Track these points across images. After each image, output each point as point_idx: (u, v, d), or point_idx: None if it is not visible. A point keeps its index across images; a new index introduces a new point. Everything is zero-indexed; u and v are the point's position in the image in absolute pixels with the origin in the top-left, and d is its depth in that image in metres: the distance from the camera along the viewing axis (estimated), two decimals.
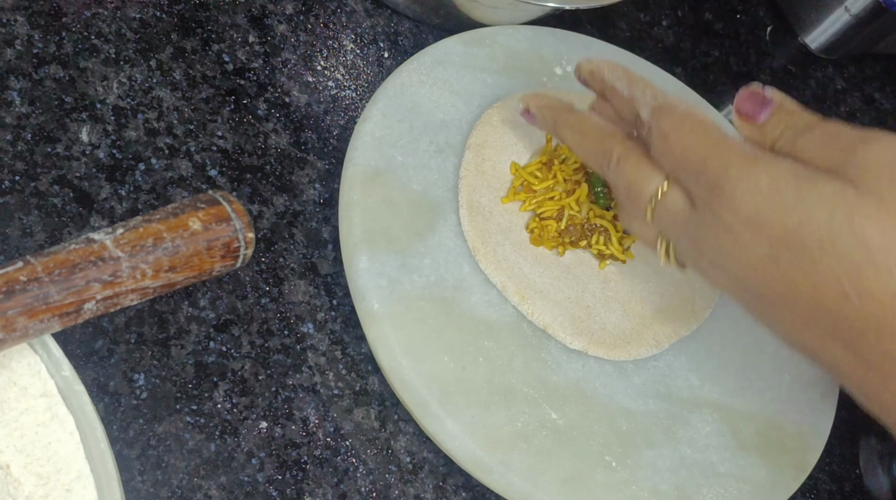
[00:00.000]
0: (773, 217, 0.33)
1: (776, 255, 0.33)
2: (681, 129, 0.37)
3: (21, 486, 0.33)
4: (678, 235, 0.38)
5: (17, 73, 0.44)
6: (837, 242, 0.31)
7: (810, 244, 0.32)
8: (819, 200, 0.32)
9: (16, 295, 0.32)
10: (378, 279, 0.44)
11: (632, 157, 0.40)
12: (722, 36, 0.71)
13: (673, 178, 0.38)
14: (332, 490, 0.42)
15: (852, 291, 0.31)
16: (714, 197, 0.35)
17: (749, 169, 0.34)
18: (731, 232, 0.34)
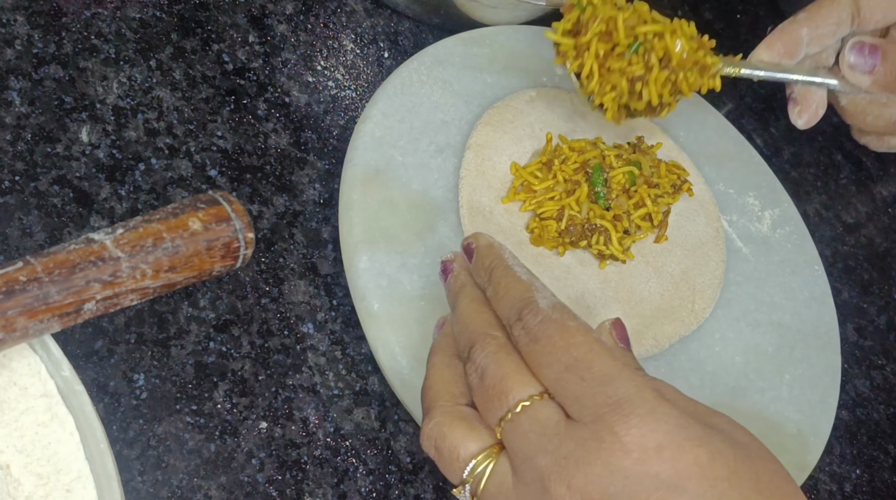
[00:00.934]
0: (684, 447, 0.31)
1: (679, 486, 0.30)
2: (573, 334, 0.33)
3: (21, 486, 0.33)
4: (536, 452, 0.32)
5: (17, 73, 0.44)
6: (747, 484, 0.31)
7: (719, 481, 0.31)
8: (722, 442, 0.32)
9: (16, 295, 0.32)
10: (378, 279, 0.44)
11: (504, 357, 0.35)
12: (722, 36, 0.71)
13: (553, 389, 0.33)
14: (332, 491, 0.42)
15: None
16: (622, 415, 0.31)
17: (655, 394, 0.32)
18: (634, 457, 0.30)
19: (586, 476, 0.31)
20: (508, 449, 0.33)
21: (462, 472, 0.34)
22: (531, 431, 0.32)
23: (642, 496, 0.30)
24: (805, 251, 0.58)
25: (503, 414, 0.33)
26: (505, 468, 0.33)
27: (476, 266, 0.39)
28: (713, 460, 0.31)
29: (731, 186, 0.58)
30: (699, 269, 0.52)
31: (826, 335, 0.55)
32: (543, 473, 0.31)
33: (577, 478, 0.31)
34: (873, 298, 0.64)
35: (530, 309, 0.35)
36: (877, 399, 0.60)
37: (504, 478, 0.33)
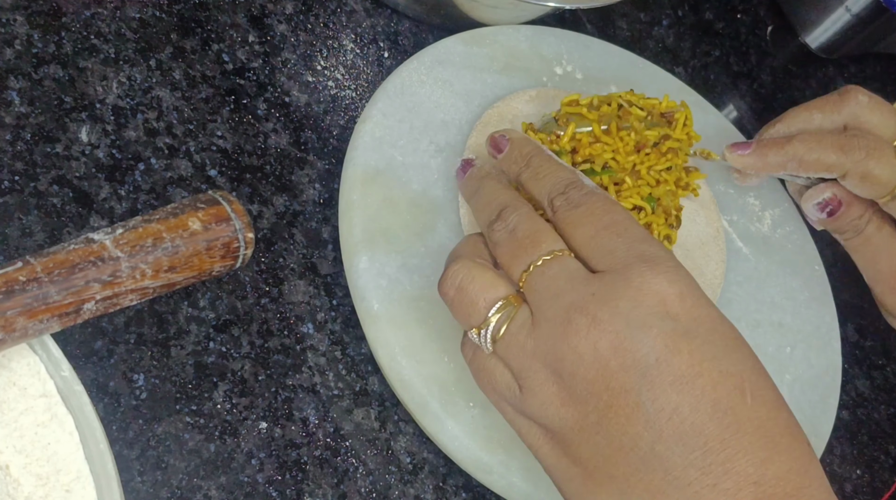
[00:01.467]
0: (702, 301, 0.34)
1: (693, 331, 0.33)
2: (617, 206, 0.37)
3: (20, 486, 0.33)
4: (558, 291, 0.35)
5: (17, 73, 0.44)
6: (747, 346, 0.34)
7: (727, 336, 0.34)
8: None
9: (15, 295, 0.32)
10: (378, 279, 0.44)
11: (536, 217, 0.38)
12: (722, 36, 0.71)
13: (585, 247, 0.36)
14: (332, 491, 0.42)
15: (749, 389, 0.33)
16: (653, 264, 0.34)
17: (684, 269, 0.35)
18: (659, 298, 0.33)
19: (612, 310, 0.33)
20: (532, 293, 0.36)
21: (486, 312, 0.36)
22: (560, 274, 0.35)
23: (659, 333, 0.32)
24: (805, 251, 0.58)
25: (533, 260, 0.36)
26: (526, 313, 0.35)
27: (511, 154, 0.41)
28: (723, 320, 0.34)
29: (731, 186, 0.58)
30: (699, 269, 0.52)
31: (826, 335, 0.55)
32: (569, 307, 0.34)
33: (603, 311, 0.33)
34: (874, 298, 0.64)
35: (576, 185, 0.38)
36: (877, 399, 0.60)
37: (525, 321, 0.35)
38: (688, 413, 0.32)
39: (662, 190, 0.50)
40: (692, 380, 0.32)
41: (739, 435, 0.31)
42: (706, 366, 0.32)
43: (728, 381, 0.32)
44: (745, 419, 0.32)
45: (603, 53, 0.58)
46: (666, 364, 0.32)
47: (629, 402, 0.32)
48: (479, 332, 0.36)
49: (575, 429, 0.34)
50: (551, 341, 0.34)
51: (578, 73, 0.56)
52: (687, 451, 0.31)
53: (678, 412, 0.32)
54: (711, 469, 0.31)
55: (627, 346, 0.32)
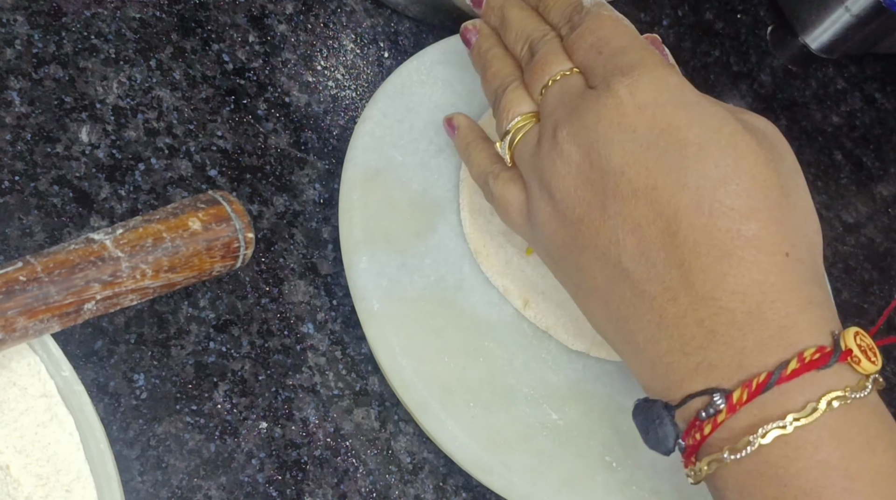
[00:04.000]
0: (667, 109, 0.34)
1: (653, 143, 0.33)
2: (604, 20, 0.38)
3: (21, 486, 0.33)
4: (555, 108, 0.37)
5: (17, 73, 0.44)
6: (714, 153, 0.32)
7: (689, 145, 0.33)
8: (714, 113, 0.34)
9: (15, 295, 0.32)
10: (378, 279, 0.44)
11: (552, 43, 0.40)
12: (722, 36, 0.71)
13: (582, 66, 0.38)
14: (332, 491, 0.42)
15: (707, 202, 0.32)
16: (621, 75, 0.35)
17: (664, 66, 0.35)
18: (620, 110, 0.34)
19: (580, 121, 0.35)
20: (542, 112, 0.38)
21: (508, 123, 0.40)
22: (558, 93, 0.37)
23: (618, 145, 0.34)
24: None
25: (545, 82, 0.38)
26: (536, 131, 0.38)
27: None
28: (693, 123, 0.33)
29: None
30: None
31: None
32: (556, 123, 0.36)
33: (575, 125, 0.35)
34: (873, 298, 0.64)
35: (576, 10, 0.40)
36: None
37: (534, 136, 0.38)
38: (646, 227, 0.32)
39: None
40: (649, 193, 0.32)
41: (697, 249, 0.31)
42: (662, 179, 0.32)
43: (684, 194, 0.32)
44: (702, 232, 0.32)
45: None
46: (624, 177, 0.33)
47: (597, 215, 0.34)
48: (501, 143, 0.40)
49: (559, 244, 0.36)
50: (541, 156, 0.36)
51: None
52: (648, 265, 0.32)
53: (639, 226, 0.32)
54: (672, 284, 0.32)
55: (592, 159, 0.34)
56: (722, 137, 0.33)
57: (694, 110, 0.34)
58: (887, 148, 0.73)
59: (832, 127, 0.71)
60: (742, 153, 0.33)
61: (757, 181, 0.32)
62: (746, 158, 0.33)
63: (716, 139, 0.33)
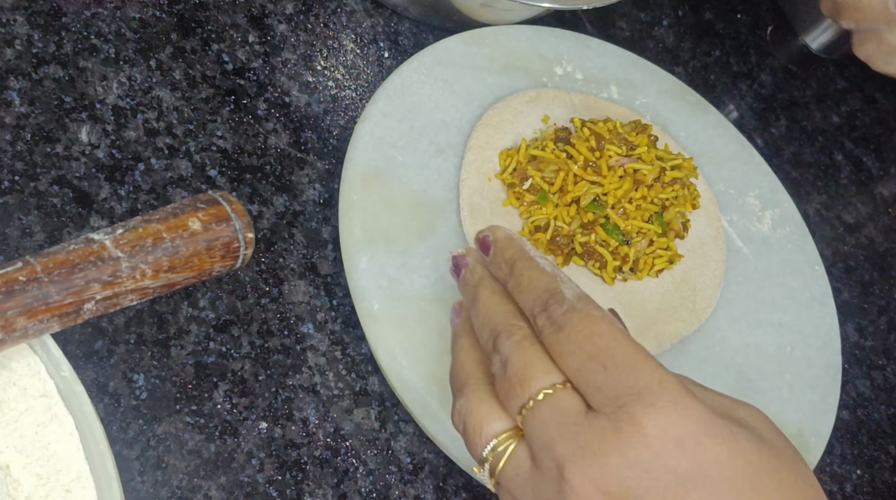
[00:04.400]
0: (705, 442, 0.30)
1: (698, 483, 0.30)
2: (599, 324, 0.33)
3: (21, 486, 0.33)
4: (552, 441, 0.32)
5: (17, 74, 0.44)
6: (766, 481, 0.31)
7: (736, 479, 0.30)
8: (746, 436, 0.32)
9: (15, 295, 0.32)
10: (378, 279, 0.44)
11: (524, 346, 0.35)
12: (722, 36, 0.71)
13: (576, 379, 0.33)
14: (332, 491, 0.42)
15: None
16: (643, 404, 0.31)
17: (683, 386, 0.32)
18: (653, 449, 0.30)
19: (603, 467, 0.30)
20: (528, 437, 0.33)
21: (482, 450, 0.34)
22: (551, 419, 0.32)
23: (658, 490, 0.30)
24: (805, 251, 0.58)
25: (525, 402, 0.33)
26: (524, 453, 0.33)
27: (495, 259, 0.39)
28: (734, 456, 0.30)
29: (731, 186, 0.58)
30: (700, 269, 0.52)
31: (826, 336, 0.55)
32: (560, 461, 0.31)
33: (594, 469, 0.30)
34: (874, 298, 0.64)
35: (555, 299, 0.34)
36: (877, 400, 0.60)
37: (522, 462, 0.33)
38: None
39: (672, 213, 0.50)
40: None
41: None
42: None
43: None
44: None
45: (603, 53, 0.58)
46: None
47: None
48: (478, 471, 0.35)
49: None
50: (549, 495, 0.32)
51: (578, 74, 0.56)
52: None
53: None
54: None
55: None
56: (763, 460, 0.31)
57: (727, 439, 0.31)
58: (887, 148, 0.73)
59: (832, 127, 0.71)
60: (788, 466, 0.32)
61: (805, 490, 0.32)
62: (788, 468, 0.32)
63: (764, 463, 0.31)
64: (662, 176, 0.50)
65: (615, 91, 0.57)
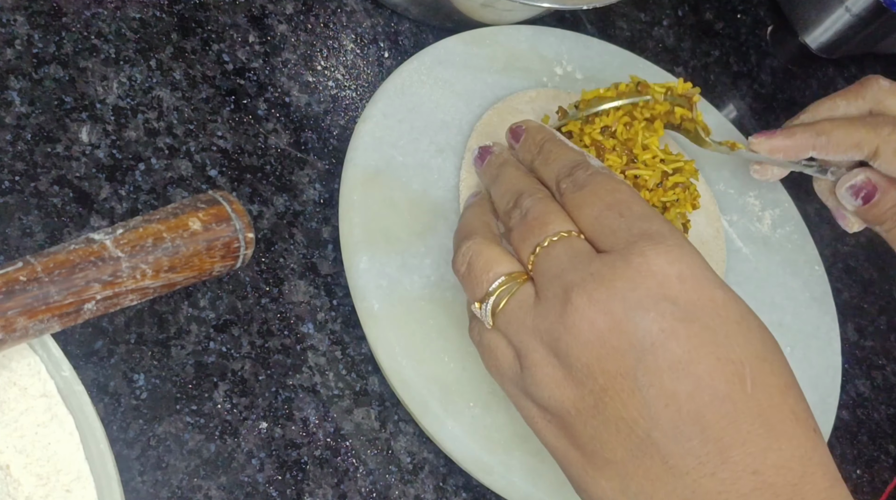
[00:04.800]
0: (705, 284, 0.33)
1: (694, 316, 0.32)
2: (620, 184, 0.36)
3: (21, 486, 0.33)
4: (562, 270, 0.34)
5: (17, 73, 0.44)
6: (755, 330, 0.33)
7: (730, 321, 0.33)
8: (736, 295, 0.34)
9: (16, 295, 0.32)
10: (378, 280, 0.44)
11: (546, 201, 0.37)
12: (722, 36, 0.71)
13: (592, 227, 0.36)
14: (332, 491, 0.42)
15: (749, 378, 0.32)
16: (653, 243, 0.33)
17: (688, 240, 0.34)
18: (658, 279, 0.32)
19: (609, 290, 0.32)
20: (537, 273, 0.35)
21: (489, 285, 0.36)
22: (564, 253, 0.35)
23: (657, 316, 0.32)
24: (805, 251, 0.58)
25: (540, 241, 0.36)
26: (529, 291, 0.35)
27: (526, 143, 0.42)
28: (728, 301, 0.33)
29: (731, 186, 0.58)
30: None
31: (826, 336, 0.55)
32: (568, 286, 0.33)
33: (600, 291, 0.33)
34: (874, 298, 0.64)
35: (582, 166, 0.37)
36: (877, 400, 0.60)
37: (527, 298, 0.35)
38: (684, 401, 0.31)
39: (673, 214, 0.50)
40: (688, 366, 0.31)
41: (738, 424, 0.31)
42: (703, 351, 0.31)
43: (726, 368, 0.31)
44: (743, 406, 0.31)
45: (603, 53, 0.58)
46: (662, 349, 0.31)
47: (625, 386, 0.32)
48: (480, 305, 0.36)
49: (572, 411, 0.33)
50: (549, 319, 0.34)
51: (578, 74, 0.56)
52: (684, 439, 0.31)
53: (675, 399, 0.31)
54: (709, 458, 0.31)
55: (623, 328, 0.32)
56: (753, 318, 0.34)
57: (727, 289, 0.33)
58: None
59: None
60: (767, 337, 0.34)
61: (783, 364, 0.34)
62: (771, 341, 0.34)
63: (752, 318, 0.33)
64: (665, 181, 0.50)
65: None
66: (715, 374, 0.31)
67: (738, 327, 0.33)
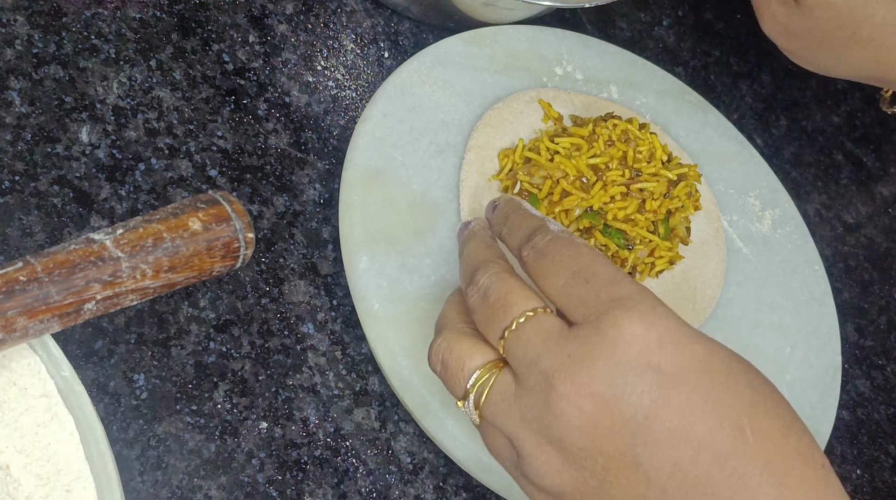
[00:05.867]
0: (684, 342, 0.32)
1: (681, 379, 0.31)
2: (582, 248, 0.35)
3: (21, 486, 0.33)
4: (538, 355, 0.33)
5: (17, 73, 0.44)
6: (742, 379, 0.33)
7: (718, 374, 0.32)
8: (714, 343, 0.33)
9: (16, 295, 0.32)
10: (378, 280, 0.44)
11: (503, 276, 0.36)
12: (722, 36, 0.71)
13: (559, 299, 0.34)
14: (332, 491, 0.42)
15: (749, 427, 0.32)
16: (625, 310, 0.32)
17: (657, 298, 0.33)
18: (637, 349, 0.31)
19: (590, 371, 0.31)
20: (511, 359, 0.34)
21: (466, 383, 0.35)
22: (535, 337, 0.33)
23: (643, 387, 0.31)
24: (805, 251, 0.58)
25: (507, 325, 0.34)
26: (508, 379, 0.34)
27: (496, 217, 0.41)
28: (711, 356, 0.32)
29: (731, 186, 0.58)
30: (699, 269, 0.52)
31: (826, 335, 0.55)
32: (548, 373, 0.32)
33: (582, 374, 0.31)
34: (874, 298, 0.64)
35: (541, 231, 0.36)
36: (877, 399, 0.60)
37: (507, 387, 0.34)
38: (689, 467, 0.31)
39: (678, 219, 0.50)
40: (687, 431, 0.31)
41: (745, 479, 0.30)
42: (699, 413, 0.31)
43: (725, 424, 0.31)
44: (748, 460, 0.31)
45: (603, 53, 0.58)
46: (656, 419, 0.31)
47: (626, 463, 0.31)
48: (462, 403, 0.36)
49: (577, 495, 0.33)
50: (536, 409, 0.33)
51: (578, 74, 0.56)
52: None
53: (679, 467, 0.31)
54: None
55: (613, 407, 0.31)
56: (735, 361, 0.33)
57: (706, 341, 0.33)
58: (887, 148, 0.73)
59: (832, 127, 0.71)
60: (756, 377, 0.33)
61: (779, 400, 0.33)
62: (761, 380, 0.33)
63: (736, 363, 0.33)
64: (670, 191, 0.50)
65: (615, 91, 0.57)
66: (714, 433, 0.31)
67: (727, 378, 0.32)
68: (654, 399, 0.31)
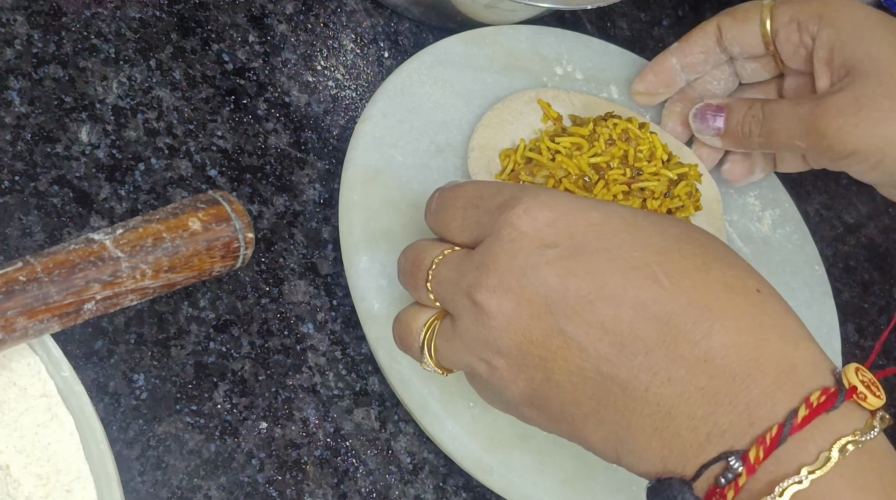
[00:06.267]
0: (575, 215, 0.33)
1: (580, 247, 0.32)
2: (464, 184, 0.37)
3: (21, 486, 0.33)
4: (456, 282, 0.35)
5: (17, 73, 0.44)
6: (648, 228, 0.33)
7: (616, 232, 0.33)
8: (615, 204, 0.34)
9: (15, 295, 0.32)
10: (378, 280, 0.44)
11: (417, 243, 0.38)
12: None
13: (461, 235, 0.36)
14: (332, 491, 0.42)
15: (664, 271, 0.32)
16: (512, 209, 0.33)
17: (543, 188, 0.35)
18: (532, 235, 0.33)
19: (497, 272, 0.33)
20: (441, 302, 0.36)
21: (417, 343, 0.37)
22: (449, 270, 0.35)
23: (546, 267, 0.32)
24: (805, 251, 0.58)
25: (425, 277, 0.36)
26: (447, 323, 0.35)
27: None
28: (608, 216, 0.33)
29: (732, 186, 0.58)
30: None
31: (826, 335, 0.55)
32: (467, 292, 0.33)
33: (490, 278, 0.33)
34: (874, 298, 0.64)
35: (431, 198, 0.38)
36: None
37: (446, 329, 0.35)
38: (614, 325, 0.31)
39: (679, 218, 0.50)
40: (599, 292, 0.31)
41: (673, 321, 0.30)
42: (606, 272, 0.31)
43: (635, 275, 0.31)
44: (668, 302, 0.31)
45: (603, 53, 0.58)
46: (567, 291, 0.31)
47: (557, 343, 0.32)
48: (424, 364, 0.37)
49: (534, 395, 0.34)
50: (472, 332, 0.34)
51: (578, 74, 0.56)
52: (630, 359, 0.31)
53: (605, 329, 0.31)
54: (659, 366, 0.30)
55: (527, 295, 0.32)
56: (640, 216, 0.33)
57: (601, 205, 0.33)
58: None
59: None
60: (667, 219, 0.33)
61: (699, 234, 0.33)
62: (676, 228, 0.33)
63: (640, 218, 0.33)
64: (672, 189, 0.50)
65: (615, 91, 0.57)
66: (626, 286, 0.31)
67: (629, 233, 0.32)
68: (558, 274, 0.32)
